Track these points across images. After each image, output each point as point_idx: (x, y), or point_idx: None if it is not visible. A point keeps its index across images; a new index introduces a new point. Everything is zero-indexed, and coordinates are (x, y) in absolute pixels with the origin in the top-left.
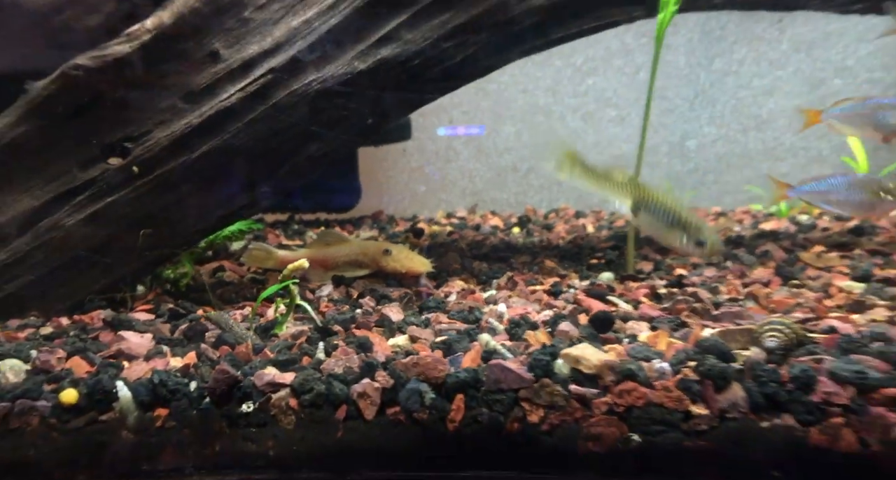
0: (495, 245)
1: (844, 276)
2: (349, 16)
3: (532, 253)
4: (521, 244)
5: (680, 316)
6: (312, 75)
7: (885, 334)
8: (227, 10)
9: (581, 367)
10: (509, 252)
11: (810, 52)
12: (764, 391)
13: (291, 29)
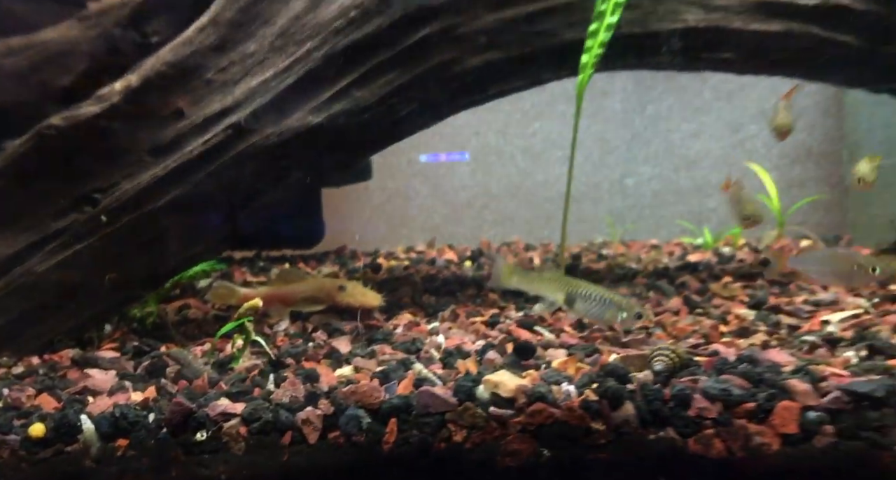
0: (447, 278)
1: (743, 305)
2: (304, 76)
3: (479, 286)
4: (470, 277)
5: (595, 343)
6: (270, 129)
7: (752, 356)
8: (192, 72)
9: (499, 391)
10: (458, 285)
11: (730, 100)
12: (650, 408)
13: (251, 88)
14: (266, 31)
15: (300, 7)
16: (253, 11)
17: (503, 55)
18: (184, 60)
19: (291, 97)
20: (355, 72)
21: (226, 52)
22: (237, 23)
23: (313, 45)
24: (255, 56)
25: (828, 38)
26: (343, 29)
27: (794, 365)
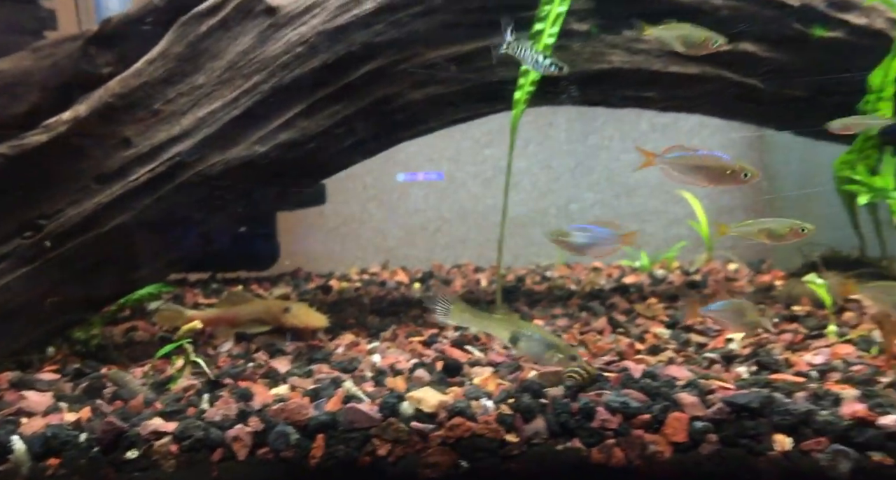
0: (395, 299)
1: (661, 324)
2: (250, 107)
3: (423, 307)
4: (416, 298)
5: (519, 360)
6: (217, 157)
7: (653, 372)
8: (139, 103)
9: (422, 407)
10: (405, 306)
11: (664, 132)
12: (559, 420)
13: (198, 118)
14: (214, 64)
15: (248, 43)
16: (201, 46)
17: (443, 90)
18: (132, 92)
19: (238, 127)
20: (301, 104)
21: (174, 84)
22: (186, 56)
23: (260, 78)
24: (203, 88)
25: (738, 81)
26: (289, 63)
27: (688, 379)
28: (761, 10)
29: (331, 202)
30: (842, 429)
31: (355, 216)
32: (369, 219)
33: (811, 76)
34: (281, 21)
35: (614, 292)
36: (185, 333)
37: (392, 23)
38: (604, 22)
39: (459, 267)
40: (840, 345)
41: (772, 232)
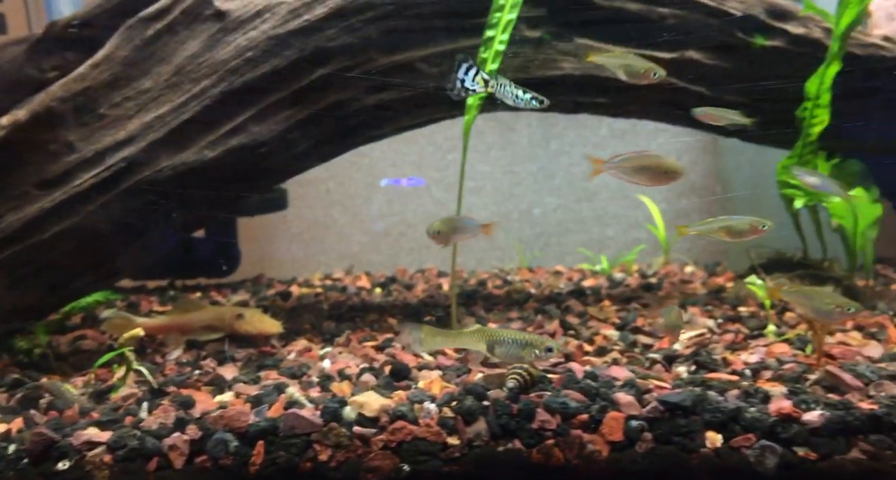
0: (354, 305)
1: (612, 326)
2: (200, 111)
3: (381, 312)
4: (376, 303)
5: (468, 363)
6: (165, 162)
7: (595, 373)
8: (83, 107)
9: (364, 411)
10: (363, 311)
11: (623, 138)
12: (500, 422)
13: (145, 123)
14: (162, 68)
15: (197, 47)
16: (148, 50)
17: (397, 95)
18: (75, 96)
19: (187, 132)
20: (252, 109)
21: (120, 88)
22: (132, 60)
23: (210, 82)
24: (150, 92)
25: (684, 87)
26: (239, 68)
27: (626, 379)
28: (706, 18)
29: (294, 207)
30: (769, 426)
31: (319, 221)
32: (333, 224)
33: (754, 83)
34: (230, 26)
35: (571, 295)
36: (126, 341)
37: (344, 28)
38: (555, 29)
39: (423, 272)
40: (777, 345)
41: (731, 228)
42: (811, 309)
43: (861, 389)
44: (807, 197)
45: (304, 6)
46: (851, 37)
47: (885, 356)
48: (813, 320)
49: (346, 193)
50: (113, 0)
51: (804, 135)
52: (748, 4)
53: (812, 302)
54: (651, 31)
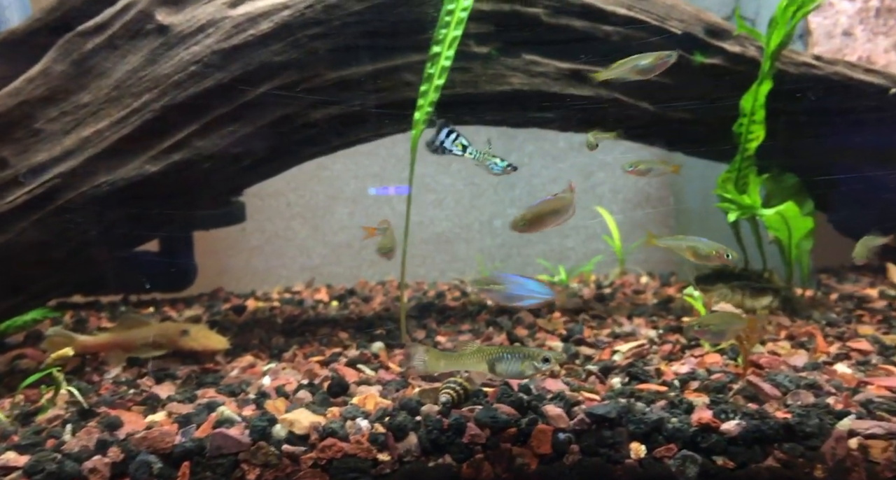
0: (308, 319)
1: (557, 338)
2: (140, 126)
3: (334, 326)
4: (331, 317)
5: (409, 378)
6: (103, 178)
7: (528, 386)
8: (17, 122)
9: (294, 429)
10: (316, 325)
11: (581, 150)
12: (430, 437)
13: (82, 138)
14: (101, 83)
15: (138, 61)
16: (87, 64)
17: (345, 110)
18: (9, 111)
19: (127, 147)
20: (195, 123)
21: (56, 103)
22: (70, 75)
23: (151, 97)
24: (88, 107)
25: (630, 103)
26: (182, 82)
27: (558, 391)
28: (649, 36)
29: (253, 220)
30: (690, 435)
31: (279, 234)
32: (294, 236)
33: (695, 100)
34: (173, 40)
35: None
36: (55, 361)
37: (290, 43)
38: (503, 46)
39: (383, 284)
40: (711, 355)
41: (697, 251)
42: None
43: (779, 398)
44: (740, 210)
45: (248, 21)
46: (784, 56)
47: (808, 365)
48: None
49: (307, 205)
50: (53, 14)
51: (741, 150)
52: (688, 23)
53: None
54: (595, 49)
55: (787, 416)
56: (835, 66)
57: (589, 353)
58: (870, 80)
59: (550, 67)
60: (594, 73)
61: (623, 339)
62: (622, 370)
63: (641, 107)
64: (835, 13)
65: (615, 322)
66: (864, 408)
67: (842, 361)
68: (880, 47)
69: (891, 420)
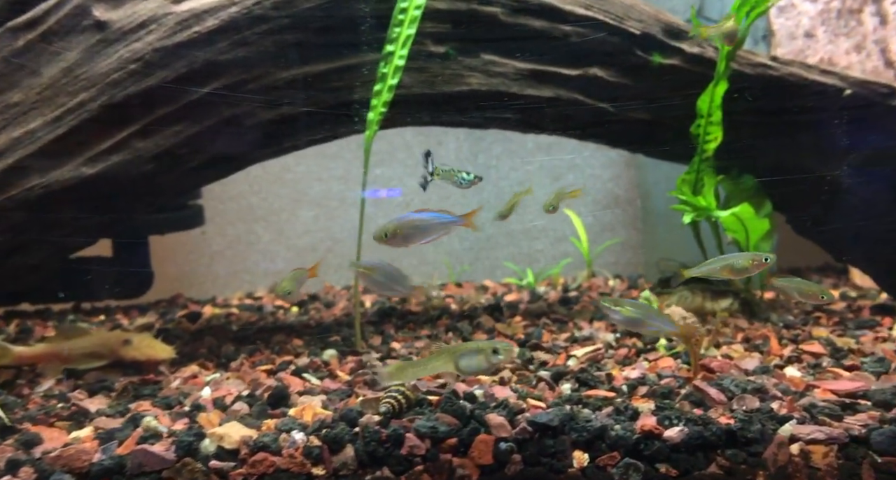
0: (264, 326)
1: (515, 343)
2: (77, 126)
3: (290, 333)
4: (288, 323)
5: (355, 387)
6: (36, 180)
7: (473, 393)
8: None
9: (224, 444)
10: (271, 332)
11: (549, 151)
12: (367, 449)
13: (12, 139)
14: (33, 81)
15: (74, 58)
16: (17, 62)
17: (297, 110)
18: None
19: (62, 148)
20: (136, 123)
21: None
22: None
23: (88, 96)
24: (19, 106)
25: (590, 103)
26: (122, 81)
27: (510, 399)
28: (608, 36)
29: (214, 224)
30: (632, 443)
31: (241, 238)
32: (256, 240)
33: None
34: (112, 36)
35: (487, 310)
36: None
37: (237, 41)
38: (460, 45)
39: (349, 289)
40: (665, 359)
41: (734, 267)
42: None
43: (725, 403)
44: (695, 212)
45: (193, 17)
46: (741, 56)
47: (758, 368)
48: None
49: (270, 209)
50: None
51: (700, 152)
52: (646, 23)
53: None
54: (553, 49)
55: (730, 422)
56: (790, 66)
57: (544, 358)
58: (825, 81)
59: (509, 67)
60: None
61: (580, 344)
62: (574, 376)
63: (601, 107)
64: (797, 14)
65: (576, 326)
66: (807, 413)
67: (793, 364)
68: (841, 49)
69: (832, 426)
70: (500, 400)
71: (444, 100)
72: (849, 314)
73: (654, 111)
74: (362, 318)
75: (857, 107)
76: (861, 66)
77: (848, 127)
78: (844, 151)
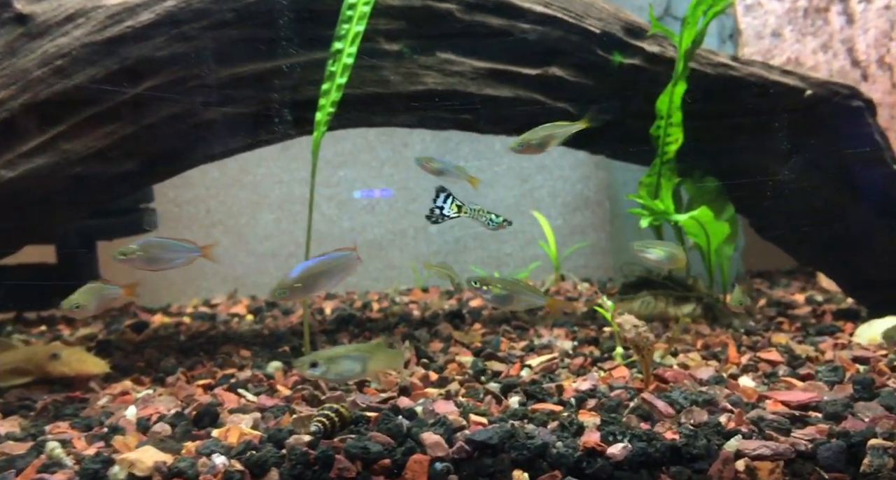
0: (214, 335)
1: (470, 352)
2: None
3: (239, 343)
4: (240, 332)
5: (293, 403)
6: None
7: (413, 409)
8: None
9: (135, 471)
10: (219, 343)
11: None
12: (294, 473)
13: None
14: None
15: None
16: None
17: (243, 110)
18: None
19: None
20: (63, 123)
21: None
22: None
23: (8, 94)
24: None
25: (550, 104)
26: (46, 78)
27: (451, 415)
28: (567, 35)
29: (169, 228)
30: (574, 461)
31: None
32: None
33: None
34: (35, 31)
35: (448, 317)
36: None
37: (175, 36)
38: (415, 43)
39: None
40: (620, 368)
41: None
42: (634, 333)
43: (673, 416)
44: (652, 216)
45: (126, 11)
46: (701, 56)
47: (711, 378)
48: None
49: (229, 213)
50: None
51: (661, 153)
52: (606, 22)
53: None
54: (512, 47)
55: (676, 437)
56: (751, 67)
57: (498, 368)
58: (785, 82)
59: (466, 66)
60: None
61: (537, 352)
62: (523, 388)
63: (561, 108)
64: (764, 13)
65: (536, 333)
66: (755, 426)
67: (748, 373)
68: (808, 48)
69: (779, 440)
70: (439, 416)
71: (400, 101)
72: (812, 319)
73: (615, 112)
74: (319, 326)
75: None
76: (828, 66)
77: (808, 128)
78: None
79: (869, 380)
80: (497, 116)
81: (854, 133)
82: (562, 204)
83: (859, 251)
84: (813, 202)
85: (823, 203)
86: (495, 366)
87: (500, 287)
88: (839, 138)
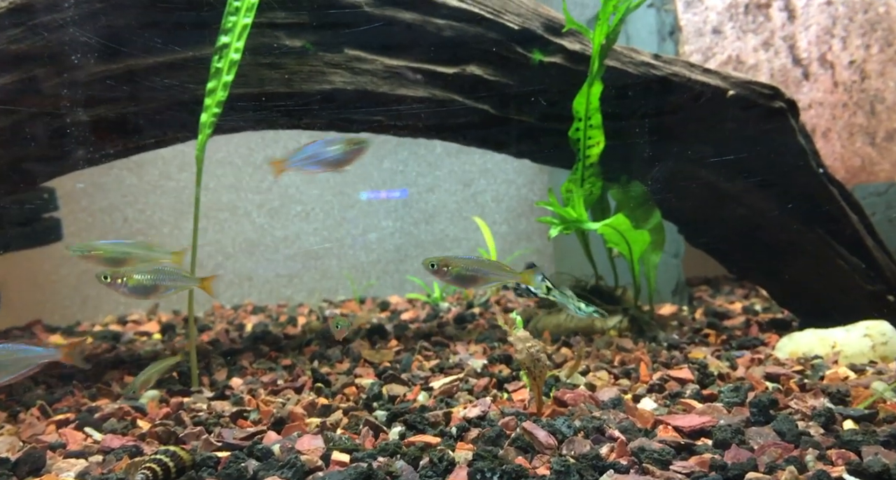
0: (109, 358)
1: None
2: None
3: (131, 366)
4: (138, 355)
5: (144, 442)
6: None
7: (268, 449)
8: None
9: None
10: (109, 367)
11: (458, 156)
12: None
13: None
14: None
15: None
16: None
17: (119, 110)
18: None
19: None
20: None
21: None
22: None
23: None
24: None
25: (469, 105)
26: None
27: (313, 452)
28: (485, 32)
29: (80, 239)
30: None
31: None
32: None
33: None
34: None
35: (370, 333)
36: None
37: (33, 28)
38: (321, 39)
39: (236, 309)
40: (524, 390)
41: None
42: (528, 355)
43: (553, 448)
44: (562, 225)
45: None
46: (624, 55)
47: (611, 401)
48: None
49: (149, 222)
50: None
51: (582, 157)
52: (525, 18)
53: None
54: (427, 44)
55: (546, 473)
56: (674, 66)
57: (396, 392)
58: (707, 82)
59: (378, 65)
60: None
61: (445, 372)
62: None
63: (480, 109)
64: (704, 10)
65: (452, 350)
66: (635, 458)
67: (653, 393)
68: (749, 46)
69: (654, 474)
70: (289, 458)
71: (304, 101)
72: (738, 332)
73: (537, 113)
74: (230, 344)
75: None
76: (769, 64)
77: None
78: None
79: (767, 402)
80: (412, 118)
81: (776, 136)
82: (506, 209)
83: (787, 259)
84: (737, 209)
85: (748, 210)
86: (394, 389)
87: (461, 266)
88: (761, 141)
